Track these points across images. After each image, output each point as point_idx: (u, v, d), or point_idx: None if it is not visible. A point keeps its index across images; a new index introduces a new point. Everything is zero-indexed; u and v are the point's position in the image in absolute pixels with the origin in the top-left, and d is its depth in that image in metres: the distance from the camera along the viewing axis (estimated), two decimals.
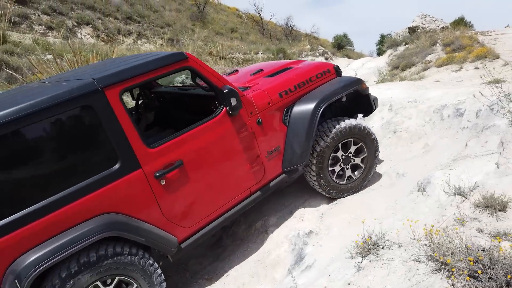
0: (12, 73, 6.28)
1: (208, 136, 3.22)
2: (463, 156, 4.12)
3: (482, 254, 1.84)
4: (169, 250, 3.04)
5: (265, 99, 3.67)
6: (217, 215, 3.39)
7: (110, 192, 2.71)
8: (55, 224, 2.50)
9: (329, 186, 4.12)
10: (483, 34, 13.27)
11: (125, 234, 2.72)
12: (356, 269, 2.26)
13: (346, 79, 4.26)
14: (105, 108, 2.69)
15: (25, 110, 2.40)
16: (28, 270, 2.33)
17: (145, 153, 2.86)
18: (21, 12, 11.92)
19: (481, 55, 9.72)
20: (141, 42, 15.16)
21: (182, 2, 22.41)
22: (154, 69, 2.97)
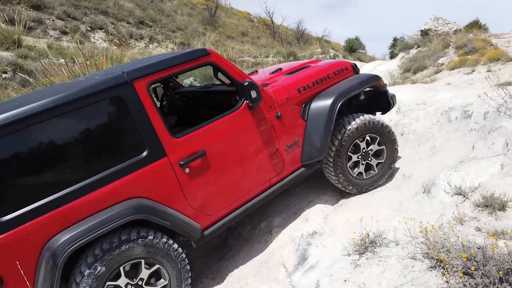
0: (25, 77, 6.44)
1: (229, 128, 3.36)
2: (470, 158, 4.09)
3: (476, 252, 1.83)
4: (193, 236, 3.17)
5: (284, 94, 3.79)
6: (238, 205, 3.50)
7: (137, 178, 2.88)
8: (87, 206, 2.68)
9: (347, 181, 4.15)
10: (497, 36, 13.07)
11: (151, 218, 2.87)
12: (353, 266, 2.27)
13: (363, 76, 4.33)
14: (134, 99, 2.89)
15: (63, 99, 2.63)
16: (63, 247, 2.50)
17: (170, 142, 3.03)
18: (36, 17, 12.22)
19: (494, 57, 9.60)
20: (152, 46, 15.37)
21: (194, 6, 22.66)
22: (179, 63, 3.18)
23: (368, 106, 4.66)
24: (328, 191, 4.74)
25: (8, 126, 2.46)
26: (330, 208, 4.35)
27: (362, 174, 4.24)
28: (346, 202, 4.44)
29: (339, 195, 4.72)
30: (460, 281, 1.80)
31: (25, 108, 2.53)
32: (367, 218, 3.08)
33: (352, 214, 4.02)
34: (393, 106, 4.58)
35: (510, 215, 2.31)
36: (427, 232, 2.09)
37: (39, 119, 2.55)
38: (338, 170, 4.05)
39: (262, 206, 4.23)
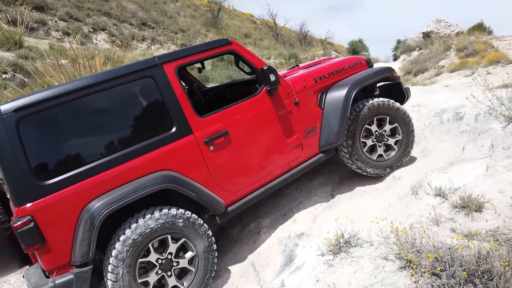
0: (22, 78, 6.50)
1: (250, 111, 3.63)
2: (459, 160, 4.08)
3: (444, 252, 1.83)
4: (217, 209, 3.38)
5: (301, 83, 4.03)
6: (259, 185, 3.71)
7: (166, 152, 3.16)
8: (121, 175, 2.96)
9: (366, 164, 4.26)
10: (498, 39, 13.00)
11: (179, 188, 3.12)
12: (326, 266, 2.28)
13: (377, 68, 4.51)
14: (163, 80, 3.23)
15: (103, 77, 3.02)
16: (100, 210, 2.76)
17: (196, 120, 3.32)
18: (39, 18, 12.33)
19: (494, 60, 9.56)
20: (154, 47, 15.44)
21: (197, 8, 22.74)
22: (204, 50, 3.53)
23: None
24: (318, 192, 4.74)
25: (56, 98, 2.81)
26: (319, 209, 4.34)
27: (382, 156, 4.35)
28: (336, 203, 4.44)
29: (329, 196, 4.72)
30: (428, 282, 1.80)
31: (70, 85, 2.91)
32: (347, 219, 3.08)
33: (341, 215, 4.02)
34: (408, 98, 4.69)
35: (485, 216, 2.31)
36: (397, 232, 2.10)
37: (82, 94, 2.91)
38: (353, 156, 4.19)
39: (252, 206, 4.24)
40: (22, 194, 2.69)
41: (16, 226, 2.63)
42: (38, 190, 2.71)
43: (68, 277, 2.75)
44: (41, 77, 6.48)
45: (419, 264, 1.88)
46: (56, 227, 2.75)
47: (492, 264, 1.72)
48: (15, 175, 2.69)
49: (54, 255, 2.77)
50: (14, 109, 2.71)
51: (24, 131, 2.72)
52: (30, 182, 2.70)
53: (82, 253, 2.76)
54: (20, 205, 2.69)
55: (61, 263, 2.80)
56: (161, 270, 3.05)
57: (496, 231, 2.11)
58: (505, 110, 3.58)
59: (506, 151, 3.10)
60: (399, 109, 4.25)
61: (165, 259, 3.07)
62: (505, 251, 1.80)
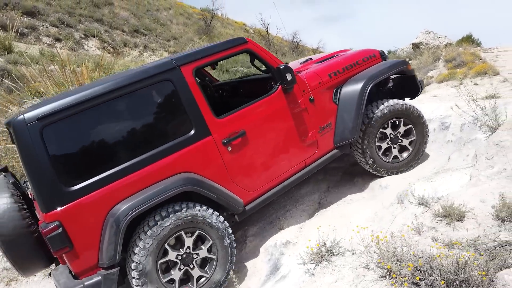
0: (9, 83, 6.44)
1: (266, 110, 3.64)
2: (445, 169, 4.10)
3: (423, 261, 1.83)
4: (236, 209, 3.43)
5: (316, 80, 4.03)
6: (276, 182, 3.75)
7: (186, 154, 3.20)
8: (144, 178, 3.01)
9: (380, 166, 4.29)
10: (486, 50, 13.23)
11: (200, 190, 3.17)
12: (308, 275, 2.27)
13: (391, 61, 4.51)
14: (181, 82, 3.23)
15: (122, 82, 3.03)
16: (125, 213, 2.82)
17: (214, 122, 3.35)
18: (30, 23, 12.25)
19: (482, 71, 9.70)
20: (146, 54, 15.42)
21: (190, 16, 22.81)
22: (220, 50, 3.52)
23: (397, 93, 4.79)
24: (305, 200, 4.74)
25: (78, 105, 2.85)
26: (306, 218, 4.33)
27: (397, 157, 4.36)
28: (323, 212, 4.43)
29: (316, 204, 4.72)
30: None
31: (90, 91, 2.92)
32: (330, 227, 3.08)
33: (327, 224, 4.01)
34: (422, 90, 4.72)
35: (467, 226, 2.32)
36: (378, 241, 2.09)
37: (103, 100, 2.94)
38: (370, 158, 4.21)
39: None
40: (49, 200, 2.75)
41: (45, 232, 2.69)
42: (64, 196, 2.78)
43: (96, 278, 2.84)
44: (27, 83, 6.42)
45: (399, 273, 1.88)
46: (83, 231, 2.83)
47: (470, 274, 1.73)
48: (41, 182, 2.74)
49: (81, 258, 2.85)
50: (38, 118, 2.74)
51: (48, 138, 2.76)
52: (56, 188, 2.76)
53: (109, 256, 2.84)
54: (48, 211, 2.75)
55: (89, 266, 2.89)
56: (183, 265, 3.12)
57: (476, 240, 2.12)
58: (489, 120, 3.62)
59: (489, 161, 3.13)
60: (414, 110, 4.25)
61: (184, 254, 3.12)
62: (483, 261, 1.81)
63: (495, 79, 9.03)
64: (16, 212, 2.97)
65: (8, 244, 2.90)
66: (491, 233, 2.18)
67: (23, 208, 3.07)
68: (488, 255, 1.93)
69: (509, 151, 2.98)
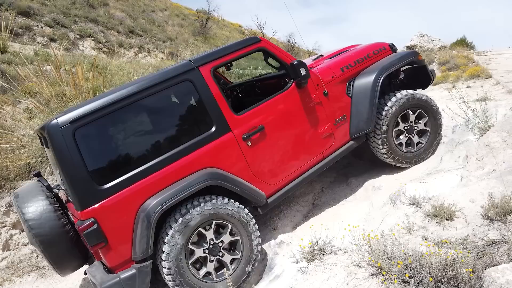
0: (3, 84, 6.42)
1: (282, 105, 3.77)
2: (437, 171, 4.15)
3: (413, 259, 1.87)
4: (259, 201, 3.56)
5: (329, 74, 4.16)
6: (296, 175, 3.86)
7: (209, 150, 3.35)
8: (170, 175, 3.16)
9: (398, 156, 4.34)
10: (479, 53, 13.36)
11: (224, 184, 3.31)
12: (300, 274, 2.30)
13: (402, 52, 4.62)
14: (201, 82, 3.40)
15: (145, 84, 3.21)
16: (155, 208, 2.97)
17: (233, 118, 3.49)
18: (24, 23, 12.18)
19: (475, 74, 9.78)
20: (142, 55, 15.40)
21: (186, 17, 22.79)
22: (236, 50, 3.67)
23: (409, 84, 4.85)
24: (299, 201, 4.78)
25: (107, 107, 3.04)
26: (300, 218, 4.37)
27: (412, 147, 4.41)
28: (317, 212, 4.47)
29: (310, 205, 4.76)
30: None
31: (117, 94, 3.12)
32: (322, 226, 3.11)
33: (320, 224, 4.05)
34: (433, 80, 4.80)
35: (456, 225, 2.36)
36: (369, 240, 2.13)
37: (129, 101, 3.12)
38: (388, 148, 4.25)
39: None
40: (83, 198, 2.93)
41: (82, 228, 2.85)
42: (98, 194, 2.95)
43: (132, 271, 2.99)
44: (22, 83, 6.41)
45: (389, 271, 1.91)
46: (116, 227, 2.98)
47: (458, 271, 1.77)
48: (76, 181, 2.93)
49: (116, 253, 3.01)
50: (70, 121, 2.94)
51: (80, 140, 2.95)
52: (90, 187, 2.93)
53: (142, 249, 2.98)
54: (83, 208, 2.92)
55: (123, 260, 3.04)
56: (213, 256, 3.22)
57: (465, 239, 2.17)
58: (480, 122, 3.67)
59: (479, 162, 3.18)
60: (429, 101, 4.32)
61: (209, 246, 3.22)
62: (471, 258, 1.85)
63: (487, 82, 9.12)
64: (52, 213, 3.19)
65: (47, 244, 3.11)
66: (479, 232, 2.22)
67: (58, 209, 3.28)
68: (476, 253, 1.97)
69: (498, 153, 3.03)
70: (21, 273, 4.54)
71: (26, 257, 4.66)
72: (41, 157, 5.22)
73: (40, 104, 5.71)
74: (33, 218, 3.13)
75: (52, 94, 5.66)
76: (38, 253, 4.71)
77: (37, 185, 3.47)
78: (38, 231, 3.09)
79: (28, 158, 5.19)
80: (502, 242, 2.08)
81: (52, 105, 5.60)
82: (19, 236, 4.78)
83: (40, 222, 3.11)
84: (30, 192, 3.37)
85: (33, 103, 5.76)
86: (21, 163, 5.09)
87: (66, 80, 5.90)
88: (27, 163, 5.15)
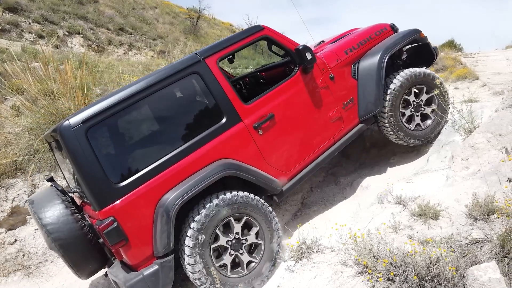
0: None
1: (290, 92, 3.76)
2: (424, 170, 4.21)
3: (398, 258, 1.90)
4: (275, 189, 3.54)
5: (334, 57, 4.16)
6: (308, 161, 3.85)
7: (221, 141, 3.33)
8: (185, 168, 3.14)
9: (407, 135, 4.30)
10: (467, 56, 13.58)
11: (239, 174, 3.29)
12: (288, 272, 2.31)
13: (404, 31, 4.60)
14: (208, 73, 3.39)
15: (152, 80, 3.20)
16: (173, 202, 2.95)
17: (243, 108, 3.48)
18: (12, 19, 12.01)
19: (462, 75, 9.92)
20: (132, 53, 15.29)
21: (176, 15, 22.67)
22: (239, 40, 3.66)
23: (412, 64, 4.86)
24: (288, 200, 4.80)
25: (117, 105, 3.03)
26: (289, 217, 4.40)
27: (420, 125, 4.39)
28: (306, 211, 4.50)
29: (299, 204, 4.79)
30: (383, 286, 1.86)
31: (126, 91, 3.10)
32: (309, 225, 3.13)
33: (308, 224, 4.08)
34: (437, 56, 4.80)
35: (441, 224, 2.40)
36: (356, 239, 2.16)
37: (138, 98, 3.10)
38: (395, 128, 4.22)
39: None
40: (101, 198, 2.92)
41: (102, 228, 2.84)
42: (115, 192, 2.93)
43: (154, 267, 2.96)
44: (9, 79, 6.32)
45: (374, 269, 1.94)
46: (136, 224, 2.97)
47: (442, 269, 1.80)
48: (92, 181, 2.92)
49: (138, 250, 2.99)
50: (82, 121, 2.93)
51: (93, 139, 2.95)
52: (106, 185, 2.92)
53: (164, 244, 2.96)
54: (101, 208, 2.91)
55: (145, 256, 3.02)
56: (233, 250, 3.18)
57: (449, 238, 2.20)
58: (465, 123, 3.73)
59: (464, 162, 3.24)
60: (435, 77, 4.30)
61: (234, 239, 3.19)
62: (455, 257, 1.88)
63: (474, 83, 9.27)
64: (69, 216, 3.18)
65: (66, 247, 3.11)
66: (463, 231, 2.26)
67: (75, 212, 3.26)
68: (460, 252, 2.01)
69: (483, 153, 3.08)
70: (7, 273, 4.49)
71: (12, 256, 4.60)
72: (28, 155, 5.16)
73: (27, 102, 5.64)
74: (51, 222, 3.11)
75: (40, 91, 5.59)
76: (24, 253, 4.66)
77: (51, 190, 3.47)
78: (57, 235, 3.08)
79: (15, 156, 5.13)
80: (485, 241, 2.12)
81: (40, 102, 5.54)
82: (5, 235, 4.72)
83: (58, 226, 3.10)
84: (45, 197, 3.36)
85: (20, 101, 5.69)
86: (7, 161, 5.03)
87: (54, 77, 5.83)
88: (13, 161, 5.09)
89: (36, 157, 5.15)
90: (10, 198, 4.87)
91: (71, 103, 5.50)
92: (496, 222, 2.25)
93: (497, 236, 2.04)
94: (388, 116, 4.18)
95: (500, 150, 2.98)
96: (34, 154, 5.16)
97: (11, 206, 4.80)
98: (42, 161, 5.17)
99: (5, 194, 4.88)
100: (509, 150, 2.93)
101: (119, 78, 7.78)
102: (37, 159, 5.14)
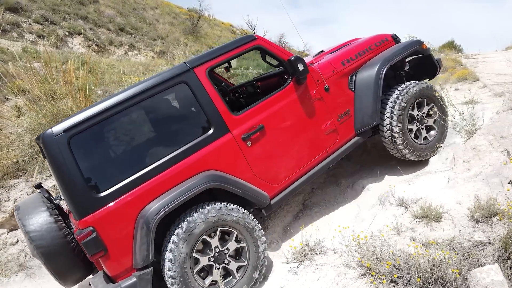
0: None
1: (281, 103, 3.67)
2: (425, 172, 4.22)
3: (401, 260, 1.91)
4: (262, 202, 3.45)
5: (329, 68, 4.07)
6: (299, 174, 3.74)
7: (208, 152, 3.26)
8: (169, 179, 3.08)
9: (417, 150, 4.13)
10: (467, 57, 13.58)
11: (224, 186, 3.21)
12: (291, 274, 2.32)
13: (405, 43, 4.50)
14: (196, 84, 3.32)
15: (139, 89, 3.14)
16: (154, 214, 2.90)
17: (231, 119, 3.41)
18: (13, 20, 12.01)
19: (462, 77, 9.92)
20: (132, 53, 15.29)
21: (176, 16, 22.68)
22: (231, 49, 3.59)
23: (415, 75, 4.76)
24: (290, 201, 4.81)
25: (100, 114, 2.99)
26: (290, 218, 4.40)
27: (427, 138, 4.27)
28: (307, 212, 4.51)
29: (300, 205, 4.79)
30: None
31: (111, 100, 3.06)
32: (312, 227, 3.14)
33: (310, 226, 4.09)
34: (440, 69, 4.68)
35: (443, 226, 2.42)
36: (359, 241, 2.17)
37: (123, 107, 3.06)
38: (407, 144, 4.04)
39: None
40: (81, 207, 2.88)
41: (80, 238, 2.80)
42: (95, 202, 2.89)
43: (132, 280, 2.91)
44: (10, 80, 6.32)
45: (378, 271, 1.95)
46: (116, 235, 2.92)
47: (445, 272, 1.81)
48: (72, 190, 2.89)
49: (117, 261, 2.94)
50: (64, 130, 2.90)
51: (75, 148, 2.91)
52: (87, 195, 2.88)
53: (143, 257, 2.91)
54: (81, 217, 2.86)
55: (124, 268, 2.97)
56: (218, 264, 3.11)
57: (452, 240, 2.22)
58: (467, 125, 3.75)
59: (466, 164, 3.25)
60: (432, 88, 4.20)
61: (215, 254, 3.11)
62: (457, 259, 1.90)
63: (475, 85, 9.27)
64: (52, 224, 3.16)
65: (48, 255, 3.08)
66: (466, 233, 2.28)
67: (59, 220, 3.25)
68: (462, 254, 2.02)
69: (484, 155, 3.10)
70: (9, 273, 4.49)
71: (14, 257, 4.61)
72: (29, 156, 5.17)
73: (29, 102, 5.65)
74: (34, 230, 3.10)
75: (42, 92, 5.60)
76: (26, 253, 4.67)
77: (38, 197, 3.45)
78: (39, 242, 3.06)
79: (17, 157, 5.13)
80: (488, 243, 2.13)
81: (42, 103, 5.55)
82: (6, 235, 4.73)
83: (41, 234, 3.09)
84: (31, 204, 3.35)
85: (22, 101, 5.69)
86: (9, 162, 5.04)
87: (56, 78, 5.84)
88: (15, 161, 5.10)
89: (38, 157, 5.16)
90: (12, 198, 4.89)
91: (73, 104, 5.51)
92: (498, 224, 2.27)
93: (499, 239, 2.06)
94: (399, 130, 4.01)
95: (502, 152, 3.00)
96: (36, 155, 5.17)
97: (13, 207, 4.81)
98: (44, 162, 5.17)
99: (7, 195, 4.89)
100: (511, 153, 2.95)
101: (120, 78, 7.80)
102: (39, 160, 5.15)
